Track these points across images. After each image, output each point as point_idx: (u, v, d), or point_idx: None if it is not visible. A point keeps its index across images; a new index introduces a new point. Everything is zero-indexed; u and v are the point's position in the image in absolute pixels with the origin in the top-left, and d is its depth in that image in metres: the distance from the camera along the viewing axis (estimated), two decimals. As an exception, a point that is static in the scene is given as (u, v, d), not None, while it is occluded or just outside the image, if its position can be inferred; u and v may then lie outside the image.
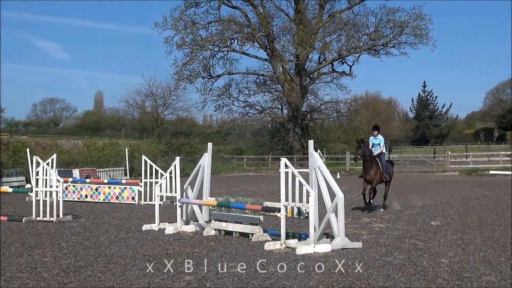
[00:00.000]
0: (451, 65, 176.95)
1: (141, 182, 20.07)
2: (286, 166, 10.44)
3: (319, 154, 31.89)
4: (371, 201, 16.37)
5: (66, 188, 20.40)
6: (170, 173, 13.20)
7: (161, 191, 13.36)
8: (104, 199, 20.08)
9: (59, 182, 14.87)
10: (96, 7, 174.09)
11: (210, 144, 13.34)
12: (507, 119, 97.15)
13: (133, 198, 19.61)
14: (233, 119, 57.35)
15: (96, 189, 20.42)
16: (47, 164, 15.59)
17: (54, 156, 18.84)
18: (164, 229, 12.62)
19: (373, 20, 50.47)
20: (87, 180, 22.89)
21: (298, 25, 48.45)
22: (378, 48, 50.74)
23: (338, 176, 35.06)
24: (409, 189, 24.44)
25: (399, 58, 66.19)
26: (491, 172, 36.01)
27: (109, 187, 20.35)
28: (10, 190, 17.15)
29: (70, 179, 22.30)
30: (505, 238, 11.16)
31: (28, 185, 25.25)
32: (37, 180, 15.44)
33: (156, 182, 16.22)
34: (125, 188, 20.03)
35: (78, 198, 20.53)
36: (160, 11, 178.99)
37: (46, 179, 15.36)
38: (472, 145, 76.97)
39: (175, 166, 13.07)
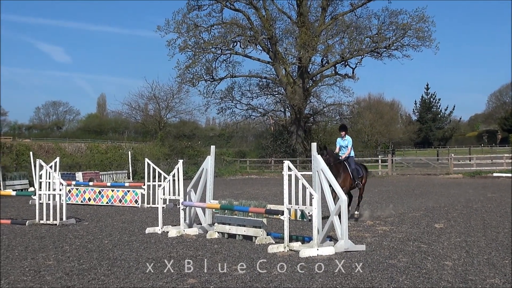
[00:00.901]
0: (454, 67, 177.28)
1: (144, 185, 20.08)
2: (289, 169, 10.44)
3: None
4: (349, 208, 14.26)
5: (69, 191, 20.41)
6: (173, 176, 13.20)
7: (164, 194, 13.35)
8: (107, 202, 20.09)
9: (62, 185, 14.88)
10: (98, 10, 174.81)
11: (213, 147, 13.34)
12: (511, 121, 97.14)
13: (136, 201, 19.61)
14: (236, 122, 57.45)
15: (99, 192, 20.43)
16: (50, 167, 15.58)
17: (57, 159, 18.80)
18: (168, 232, 12.61)
19: (375, 23, 50.63)
20: (90, 183, 22.93)
21: (301, 28, 48.50)
22: (381, 51, 50.78)
23: (341, 179, 35.02)
24: (412, 192, 24.42)
25: (402, 60, 66.01)
26: (494, 174, 35.94)
27: (112, 190, 20.35)
28: (14, 193, 17.19)
29: (73, 182, 22.30)
30: (509, 240, 11.12)
31: (31, 188, 25.29)
32: (40, 183, 15.46)
33: (159, 185, 16.23)
34: (128, 191, 20.03)
35: (81, 201, 20.53)
36: (163, 14, 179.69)
37: (49, 182, 15.37)
38: (475, 148, 77.05)
39: (178, 169, 13.06)
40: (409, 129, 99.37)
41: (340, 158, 14.77)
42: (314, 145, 10.94)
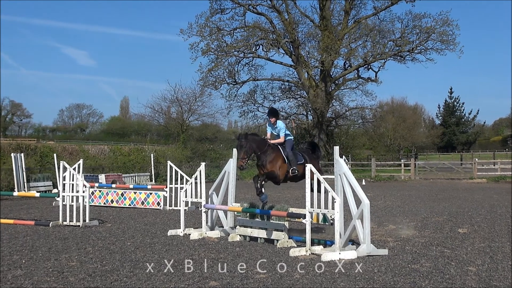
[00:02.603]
0: (478, 71, 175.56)
1: (166, 187, 20.16)
2: (312, 172, 10.41)
3: (344, 160, 31.77)
4: (262, 189, 11.68)
5: (93, 193, 20.58)
6: (195, 178, 13.23)
7: (186, 197, 13.39)
8: (129, 204, 20.20)
9: (85, 187, 15.00)
10: (122, 15, 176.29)
11: (235, 150, 13.34)
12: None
13: (158, 204, 19.69)
14: (258, 125, 57.35)
15: (122, 194, 20.55)
16: (74, 169, 15.71)
17: (81, 161, 18.98)
18: (189, 234, 12.64)
19: (399, 26, 50.19)
20: (113, 185, 23.06)
21: (324, 31, 48.33)
22: (404, 54, 50.38)
23: (364, 183, 34.87)
24: (435, 196, 24.22)
25: (426, 64, 65.53)
26: (519, 179, 35.54)
27: (135, 193, 20.47)
28: (37, 194, 17.32)
29: (96, 184, 22.48)
30: (534, 246, 10.99)
31: (55, 190, 25.52)
32: (64, 185, 15.58)
33: (181, 188, 16.27)
34: (151, 193, 20.13)
35: (104, 203, 20.68)
36: (186, 17, 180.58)
37: (72, 184, 15.50)
38: (499, 152, 76.15)
39: (200, 171, 13.10)
40: (432, 133, 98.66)
41: (270, 142, 12.02)
42: (336, 149, 10.90)
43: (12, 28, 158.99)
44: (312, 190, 11.41)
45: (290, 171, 11.76)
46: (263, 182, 11.54)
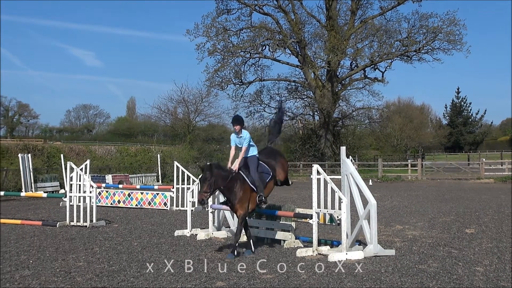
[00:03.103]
0: (485, 71, 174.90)
1: (173, 188, 20.16)
2: (318, 173, 10.39)
3: (351, 160, 31.69)
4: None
5: (99, 193, 20.61)
6: (202, 179, 13.23)
7: (193, 197, 13.40)
8: (136, 205, 20.22)
9: (92, 187, 15.02)
10: (128, 16, 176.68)
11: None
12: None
13: (165, 204, 19.70)
14: (264, 126, 57.37)
15: (129, 195, 20.58)
16: (81, 169, 15.75)
17: (88, 161, 19.03)
18: (196, 235, 12.65)
19: (405, 26, 50.20)
20: (120, 186, 23.09)
21: (330, 32, 48.30)
22: (411, 54, 50.35)
23: (371, 183, 34.81)
24: (442, 196, 24.15)
25: (432, 64, 65.38)
26: (527, 179, 35.39)
27: (142, 193, 20.49)
28: (45, 195, 17.36)
29: (103, 185, 22.52)
30: (542, 246, 10.94)
31: (62, 191, 25.58)
32: (71, 185, 15.62)
33: (188, 188, 16.28)
34: (157, 194, 20.14)
35: (111, 204, 20.71)
36: (192, 18, 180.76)
37: (79, 185, 15.52)
38: (507, 152, 75.80)
39: (207, 172, 13.09)
40: (439, 133, 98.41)
41: (233, 170, 10.75)
42: (343, 149, 10.88)
43: (19, 29, 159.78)
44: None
45: (257, 198, 10.70)
46: (236, 244, 10.47)
